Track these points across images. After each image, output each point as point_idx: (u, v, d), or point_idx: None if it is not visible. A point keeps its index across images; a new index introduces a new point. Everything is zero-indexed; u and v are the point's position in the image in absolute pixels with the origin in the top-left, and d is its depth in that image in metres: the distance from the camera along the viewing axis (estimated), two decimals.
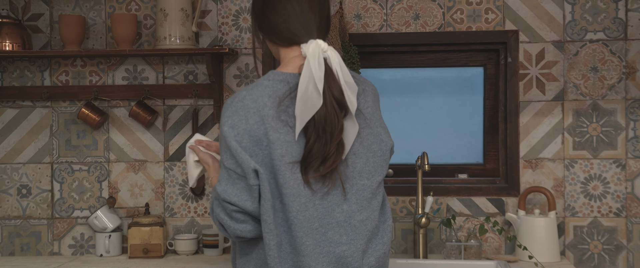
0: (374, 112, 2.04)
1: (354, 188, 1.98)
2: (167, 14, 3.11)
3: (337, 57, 1.94)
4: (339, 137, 1.92)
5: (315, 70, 1.90)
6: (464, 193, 3.18)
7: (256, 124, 1.93)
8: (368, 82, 2.08)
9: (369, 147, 2.01)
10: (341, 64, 1.94)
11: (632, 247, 3.14)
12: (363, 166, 2.00)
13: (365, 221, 1.99)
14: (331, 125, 1.91)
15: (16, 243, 3.30)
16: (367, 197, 2.00)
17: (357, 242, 1.97)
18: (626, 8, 3.12)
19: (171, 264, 3.02)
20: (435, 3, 3.18)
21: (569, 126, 3.15)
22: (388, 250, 2.04)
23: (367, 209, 2.00)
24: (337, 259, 1.96)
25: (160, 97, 3.26)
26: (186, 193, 3.27)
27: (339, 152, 1.93)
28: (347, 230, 1.97)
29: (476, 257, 3.06)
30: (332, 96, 1.91)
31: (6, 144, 3.30)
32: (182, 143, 3.27)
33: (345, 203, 1.97)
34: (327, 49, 1.94)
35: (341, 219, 1.97)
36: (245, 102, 1.95)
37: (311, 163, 1.92)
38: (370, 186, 2.00)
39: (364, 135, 2.00)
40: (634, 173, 3.13)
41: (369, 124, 2.02)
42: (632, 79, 3.12)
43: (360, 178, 1.99)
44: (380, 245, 2.02)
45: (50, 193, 3.30)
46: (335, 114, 1.91)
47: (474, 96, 3.31)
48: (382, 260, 2.03)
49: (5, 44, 3.13)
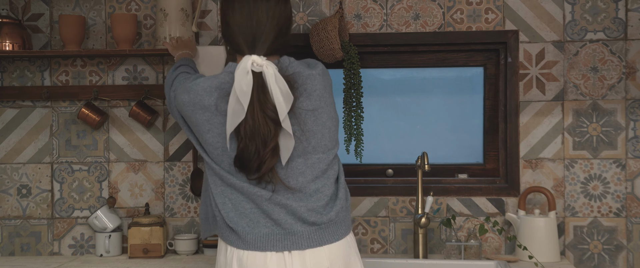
0: (323, 92, 2.23)
1: (309, 161, 2.23)
2: (167, 14, 3.11)
3: (272, 71, 2.15)
4: (272, 144, 2.15)
5: (238, 85, 2.12)
6: (464, 193, 3.18)
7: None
8: (317, 63, 2.27)
9: (324, 124, 2.23)
10: (276, 76, 2.14)
11: (632, 247, 3.14)
12: (318, 141, 2.23)
13: (321, 189, 2.25)
14: (263, 135, 2.14)
15: (16, 243, 3.30)
16: (322, 169, 2.25)
17: (312, 204, 2.23)
18: (626, 8, 3.12)
19: (171, 264, 3.02)
20: (435, 3, 3.18)
21: (569, 126, 3.15)
22: (343, 207, 2.29)
23: (322, 179, 2.25)
24: (293, 212, 2.22)
25: (160, 97, 3.26)
26: (186, 193, 3.27)
27: (273, 156, 2.16)
28: (301, 197, 2.23)
29: (476, 257, 3.06)
30: (261, 109, 2.14)
31: (6, 144, 3.30)
32: (182, 143, 3.27)
33: (300, 176, 2.22)
34: (263, 64, 2.15)
35: (296, 188, 2.22)
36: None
37: (247, 164, 2.17)
38: (326, 159, 2.25)
39: (317, 113, 2.22)
40: (634, 173, 3.13)
41: (320, 104, 2.22)
42: (632, 79, 3.12)
43: (314, 153, 2.23)
44: (339, 203, 2.27)
45: (50, 193, 3.30)
46: (267, 124, 2.14)
47: (474, 96, 3.31)
48: (342, 215, 2.29)
49: (5, 44, 3.13)
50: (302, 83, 2.21)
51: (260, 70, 2.16)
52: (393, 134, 3.34)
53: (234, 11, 2.24)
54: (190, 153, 3.26)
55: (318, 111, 2.22)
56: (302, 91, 2.20)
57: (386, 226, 3.22)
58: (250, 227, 2.22)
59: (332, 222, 2.25)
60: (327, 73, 2.28)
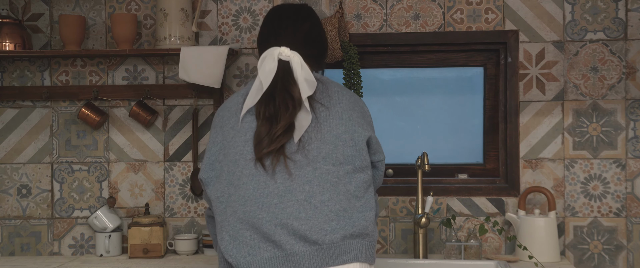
0: (350, 112, 2.25)
1: (317, 171, 2.16)
2: (167, 14, 3.11)
3: (299, 59, 2.23)
4: (287, 121, 2.16)
5: (264, 67, 2.21)
6: (464, 193, 3.18)
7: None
8: (349, 95, 2.30)
9: (340, 136, 2.20)
10: (302, 64, 2.22)
11: (632, 247, 3.14)
12: (329, 152, 2.18)
13: (327, 202, 2.14)
14: (281, 112, 2.17)
15: (16, 243, 3.30)
16: (332, 181, 2.17)
17: (316, 219, 2.13)
18: (626, 8, 3.12)
19: (171, 264, 3.02)
20: (435, 3, 3.18)
21: (569, 126, 3.15)
22: (361, 234, 2.17)
23: (330, 192, 2.15)
24: (294, 231, 2.12)
25: (160, 97, 3.26)
26: (186, 193, 3.27)
27: (286, 134, 2.16)
28: (306, 208, 2.13)
29: (476, 257, 3.06)
30: (284, 88, 2.20)
31: (6, 144, 3.30)
32: (182, 143, 3.27)
33: (307, 184, 2.15)
34: (291, 54, 2.23)
35: (301, 198, 2.14)
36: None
37: (261, 141, 2.17)
38: (336, 172, 2.17)
39: (333, 125, 2.20)
40: (634, 173, 3.13)
41: (341, 116, 2.23)
42: (632, 79, 3.12)
43: (324, 163, 2.17)
44: (348, 227, 2.15)
45: (50, 193, 3.30)
46: (285, 102, 2.18)
47: (474, 96, 3.31)
48: (349, 242, 2.15)
49: (5, 44, 3.13)
50: (326, 88, 2.27)
51: (287, 59, 2.23)
52: (393, 134, 3.34)
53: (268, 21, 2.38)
54: (190, 154, 3.26)
55: (332, 112, 2.23)
56: (324, 90, 2.26)
57: (386, 226, 3.22)
58: (252, 255, 2.12)
59: (336, 245, 2.13)
60: (358, 101, 2.32)
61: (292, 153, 2.17)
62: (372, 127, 2.33)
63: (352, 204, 2.18)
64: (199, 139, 3.25)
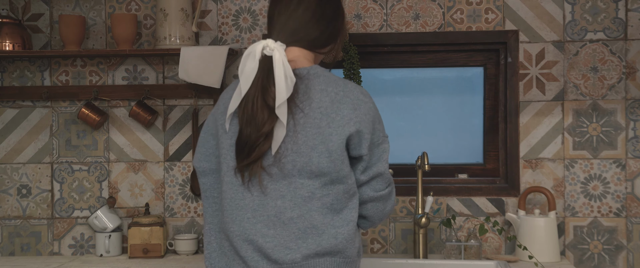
0: (332, 114, 2.00)
1: (291, 185, 2.00)
2: (167, 14, 3.11)
3: (280, 56, 1.99)
4: (265, 129, 1.98)
5: (245, 67, 2.01)
6: (464, 193, 3.18)
7: None
8: (336, 90, 2.04)
9: (315, 148, 1.99)
10: (284, 61, 1.99)
11: (632, 247, 3.14)
12: (303, 165, 1.99)
13: (296, 219, 2.00)
14: (258, 120, 1.98)
15: (16, 243, 3.30)
16: (304, 196, 2.00)
17: (281, 237, 2.00)
18: (626, 8, 3.12)
19: (171, 264, 3.02)
20: (435, 3, 3.18)
21: (569, 126, 3.15)
22: (330, 252, 2.01)
23: (301, 208, 2.00)
24: (260, 249, 2.01)
25: (160, 97, 3.26)
26: (186, 193, 3.27)
27: (266, 142, 1.99)
28: (275, 225, 2.01)
29: (476, 257, 3.06)
30: (261, 96, 1.99)
31: (6, 144, 3.30)
32: (182, 143, 3.27)
33: (278, 199, 2.01)
34: (275, 47, 2.01)
35: (272, 214, 2.01)
36: None
37: (241, 147, 2.01)
38: (310, 186, 2.00)
39: (310, 135, 1.99)
40: (634, 173, 3.13)
41: (319, 124, 1.99)
42: (632, 79, 3.12)
43: (299, 177, 2.00)
44: (313, 246, 2.00)
45: (50, 193, 3.30)
46: (263, 111, 1.98)
47: (474, 96, 3.31)
48: (314, 261, 2.00)
49: (5, 44, 3.13)
50: (309, 88, 2.03)
51: (270, 54, 2.01)
52: (393, 133, 3.34)
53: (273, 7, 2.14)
54: (190, 154, 3.26)
55: (309, 119, 2.00)
56: (306, 91, 2.02)
57: (386, 226, 3.22)
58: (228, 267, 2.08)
59: (297, 264, 1.99)
60: (349, 93, 2.04)
61: (268, 166, 2.01)
62: (369, 120, 2.05)
63: (327, 220, 2.01)
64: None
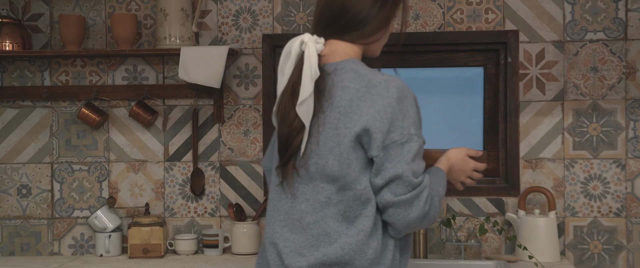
0: (350, 113, 1.92)
1: (315, 189, 1.95)
2: (167, 14, 3.11)
3: (310, 51, 1.93)
4: (295, 124, 1.92)
5: (283, 66, 1.97)
6: (464, 193, 3.18)
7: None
8: (380, 87, 1.96)
9: (332, 150, 1.93)
10: (311, 58, 1.93)
11: (632, 247, 3.14)
12: (322, 168, 1.93)
13: (313, 224, 1.94)
14: (289, 119, 1.94)
15: (16, 243, 3.30)
16: (322, 201, 1.94)
17: (299, 242, 1.95)
18: (626, 8, 3.12)
19: (171, 264, 3.02)
20: (435, 3, 3.18)
21: (569, 126, 3.15)
22: (336, 263, 1.92)
23: (319, 213, 1.94)
24: (279, 252, 1.97)
25: (160, 97, 3.26)
26: (186, 193, 3.27)
27: (297, 139, 1.94)
28: (297, 229, 1.96)
29: (476, 257, 3.06)
30: (291, 88, 1.94)
31: (6, 144, 3.30)
32: (182, 143, 3.27)
33: (303, 203, 1.96)
34: (308, 41, 1.95)
35: (296, 217, 1.97)
36: None
37: (281, 148, 1.98)
38: (327, 190, 1.93)
39: (328, 136, 1.93)
40: (634, 173, 3.13)
41: (336, 125, 1.93)
42: (632, 79, 3.12)
43: (320, 180, 1.94)
44: (319, 255, 1.93)
45: (50, 193, 3.30)
46: (291, 106, 1.94)
47: (474, 96, 3.31)
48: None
49: (5, 44, 3.13)
50: (334, 85, 1.95)
51: (304, 50, 1.95)
52: None
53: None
54: (190, 154, 3.26)
55: (328, 120, 1.94)
56: (330, 88, 1.95)
57: None
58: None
59: None
60: (373, 88, 1.95)
61: (299, 167, 1.95)
62: (383, 118, 1.91)
63: (342, 228, 1.92)
64: (199, 139, 3.25)
